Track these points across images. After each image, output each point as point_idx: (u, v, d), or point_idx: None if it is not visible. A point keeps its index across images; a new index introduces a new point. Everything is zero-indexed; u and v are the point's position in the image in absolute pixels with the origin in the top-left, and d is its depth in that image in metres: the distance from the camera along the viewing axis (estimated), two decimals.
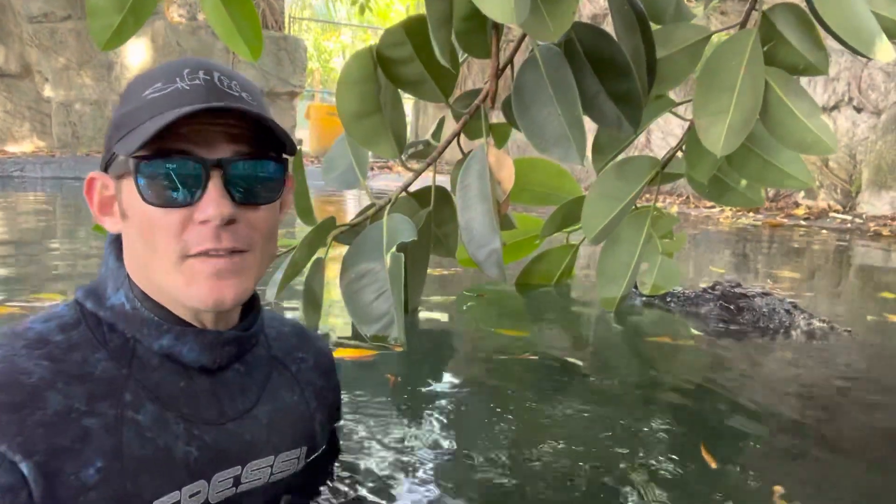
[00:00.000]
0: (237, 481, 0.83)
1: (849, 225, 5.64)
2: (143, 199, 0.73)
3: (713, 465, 1.28)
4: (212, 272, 0.74)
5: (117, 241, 0.84)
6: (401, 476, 1.14)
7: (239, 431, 0.83)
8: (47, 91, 10.10)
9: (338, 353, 1.74)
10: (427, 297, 2.39)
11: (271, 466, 0.87)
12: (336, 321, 2.16)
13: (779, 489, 1.19)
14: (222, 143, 0.74)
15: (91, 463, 0.70)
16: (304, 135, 13.78)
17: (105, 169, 0.80)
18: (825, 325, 2.31)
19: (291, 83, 11.28)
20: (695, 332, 2.27)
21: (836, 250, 4.77)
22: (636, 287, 2.64)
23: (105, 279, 0.82)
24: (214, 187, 0.73)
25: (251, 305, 0.89)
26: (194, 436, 0.78)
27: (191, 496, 0.78)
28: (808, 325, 2.31)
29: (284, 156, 0.82)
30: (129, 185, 0.76)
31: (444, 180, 2.08)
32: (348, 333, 1.91)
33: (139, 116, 0.74)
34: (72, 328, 0.78)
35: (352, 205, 6.46)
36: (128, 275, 0.81)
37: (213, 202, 0.73)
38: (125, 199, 0.77)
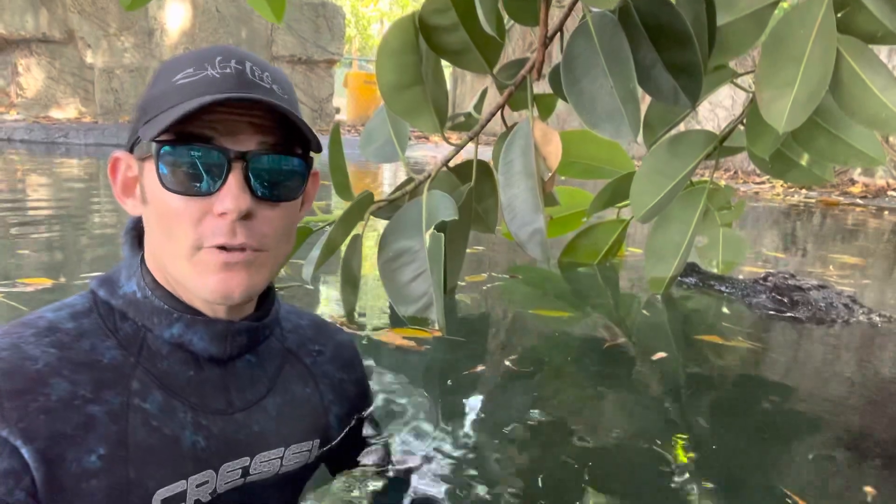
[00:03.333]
0: (246, 472, 0.82)
1: None
2: (163, 184, 0.72)
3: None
4: (222, 264, 0.73)
5: (134, 229, 0.84)
6: (430, 463, 1.12)
7: (247, 422, 0.82)
8: (90, 57, 10.20)
9: (378, 336, 1.70)
10: (463, 276, 2.32)
11: (281, 458, 0.86)
12: (379, 302, 2.10)
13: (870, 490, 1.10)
14: (247, 135, 0.73)
15: (93, 450, 0.70)
16: (342, 103, 13.72)
17: (130, 150, 0.79)
18: (887, 320, 2.17)
19: (329, 51, 11.19)
20: (746, 324, 2.15)
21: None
22: (698, 268, 2.53)
23: (120, 268, 0.82)
24: (235, 179, 0.72)
25: (266, 296, 0.88)
26: (202, 425, 0.78)
27: (198, 486, 0.77)
28: (869, 320, 2.16)
29: (310, 153, 0.80)
30: (150, 169, 0.74)
31: (485, 151, 1.98)
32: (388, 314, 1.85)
33: (166, 101, 0.73)
34: (83, 316, 0.78)
35: (390, 175, 6.38)
36: (141, 263, 0.81)
37: (233, 194, 0.71)
38: (147, 184, 0.76)
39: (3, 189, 4.55)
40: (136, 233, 0.84)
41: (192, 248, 0.73)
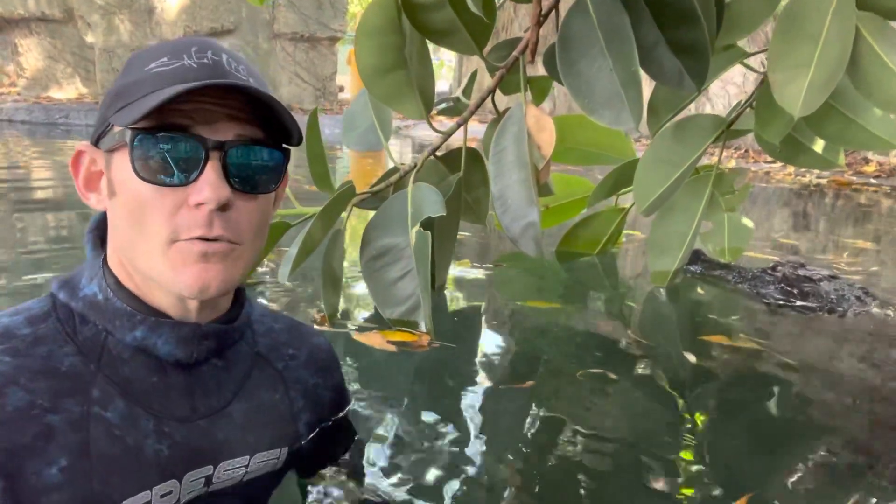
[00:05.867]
0: (209, 481, 0.79)
1: None
2: (137, 174, 0.69)
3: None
4: (199, 255, 0.71)
5: (97, 229, 0.81)
6: (412, 467, 1.09)
7: (211, 429, 0.79)
8: (90, 37, 10.06)
9: (361, 338, 1.60)
10: (453, 265, 2.22)
11: (246, 466, 0.83)
12: (361, 302, 2.00)
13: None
14: (225, 125, 0.71)
15: (54, 462, 0.67)
16: (346, 81, 13.52)
17: (96, 142, 0.76)
18: None
19: (332, 28, 10.99)
20: (754, 319, 2.04)
21: None
22: (703, 255, 2.42)
23: (82, 269, 0.79)
24: (213, 169, 0.70)
25: (237, 298, 0.85)
26: (165, 433, 0.75)
27: (162, 496, 0.74)
28: (883, 313, 2.05)
29: (288, 146, 0.78)
30: (121, 159, 0.72)
31: (478, 130, 1.86)
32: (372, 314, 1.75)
33: (140, 89, 0.71)
34: (40, 321, 0.74)
35: (397, 156, 6.24)
36: (103, 264, 0.78)
37: (210, 184, 0.69)
38: (115, 175, 0.73)
39: None
40: (99, 232, 0.81)
41: (167, 241, 0.70)
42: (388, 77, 1.56)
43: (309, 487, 0.94)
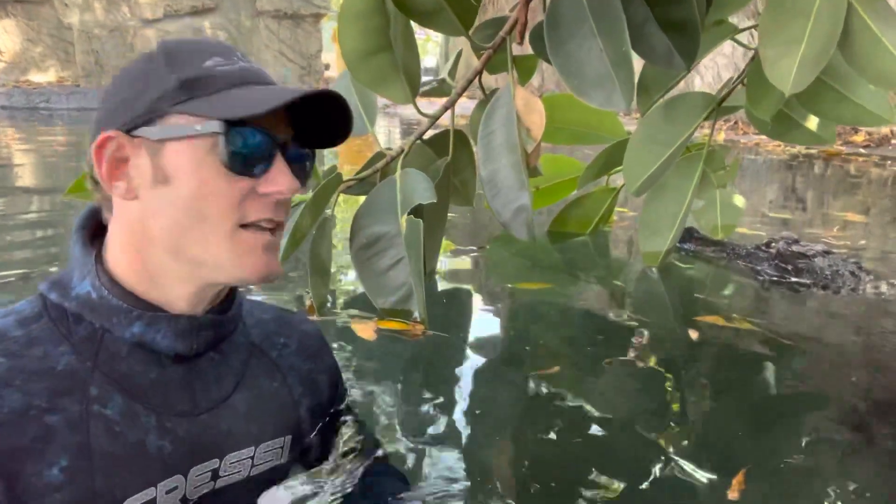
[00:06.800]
0: (215, 475, 0.79)
1: None
2: (225, 163, 0.72)
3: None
4: (264, 245, 0.76)
5: (85, 227, 0.81)
6: (411, 453, 1.10)
7: (214, 422, 0.79)
8: (67, 17, 9.86)
9: (353, 327, 1.59)
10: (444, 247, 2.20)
11: (252, 458, 0.83)
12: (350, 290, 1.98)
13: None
14: (282, 126, 0.77)
15: (55, 462, 0.68)
16: (331, 59, 13.35)
17: (130, 130, 0.75)
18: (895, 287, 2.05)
19: (316, 4, 10.83)
20: (748, 297, 2.04)
21: None
22: (696, 233, 2.41)
23: (71, 268, 0.78)
24: (281, 163, 0.75)
25: (229, 291, 0.85)
26: (167, 429, 0.75)
27: (167, 492, 0.74)
28: (876, 289, 2.05)
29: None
30: (186, 148, 0.72)
31: (467, 106, 1.83)
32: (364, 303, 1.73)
33: (214, 84, 0.74)
34: (32, 322, 0.74)
35: (385, 132, 6.18)
36: (95, 262, 0.77)
37: (285, 176, 0.75)
38: (173, 163, 0.73)
39: None
40: (88, 230, 0.80)
41: (234, 227, 0.73)
42: (373, 61, 1.52)
43: (317, 479, 0.93)
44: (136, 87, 0.75)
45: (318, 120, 0.80)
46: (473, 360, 1.52)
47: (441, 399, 1.30)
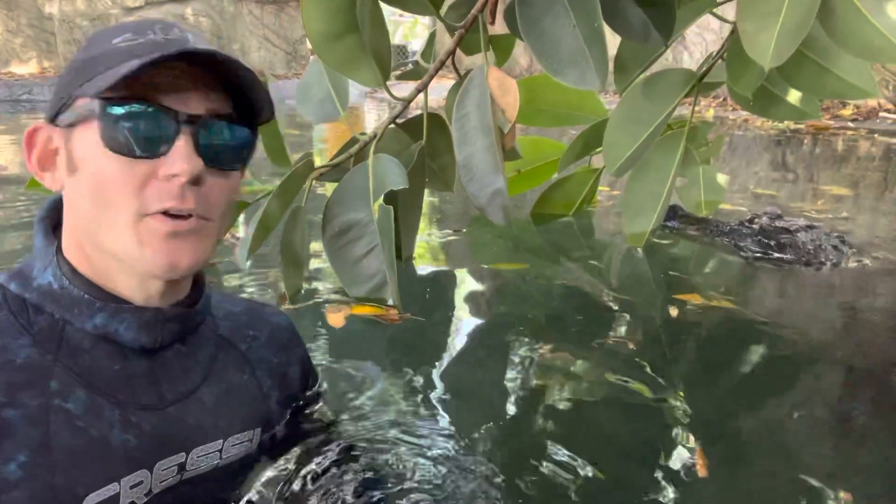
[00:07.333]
0: (182, 468, 0.78)
1: None
2: (107, 145, 0.68)
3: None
4: (168, 233, 0.70)
5: (48, 217, 0.79)
6: (386, 443, 1.08)
7: (181, 416, 0.78)
8: (48, 7, 9.71)
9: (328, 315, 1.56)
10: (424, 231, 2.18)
11: (220, 451, 0.82)
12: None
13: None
14: (196, 100, 0.71)
15: (13, 458, 0.66)
16: None
17: (52, 119, 0.74)
18: (878, 262, 2.04)
19: None
20: (731, 274, 2.02)
21: (888, 159, 4.37)
22: (680, 210, 2.39)
23: (33, 259, 0.77)
24: (185, 143, 0.69)
25: (197, 281, 0.84)
26: (131, 423, 0.74)
27: (132, 487, 0.73)
28: (859, 262, 2.03)
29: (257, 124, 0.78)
30: (84, 133, 0.70)
31: (445, 85, 1.78)
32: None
33: (108, 61, 0.70)
34: None
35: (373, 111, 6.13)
36: (56, 252, 0.76)
37: (184, 157, 0.69)
38: (77, 150, 0.71)
39: None
40: (51, 220, 0.79)
41: (136, 215, 0.69)
42: (340, 43, 1.47)
43: (284, 469, 0.91)
44: (63, 75, 0.75)
45: (243, 93, 0.73)
46: (452, 343, 1.51)
47: (418, 382, 1.30)
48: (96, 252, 0.73)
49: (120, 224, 0.70)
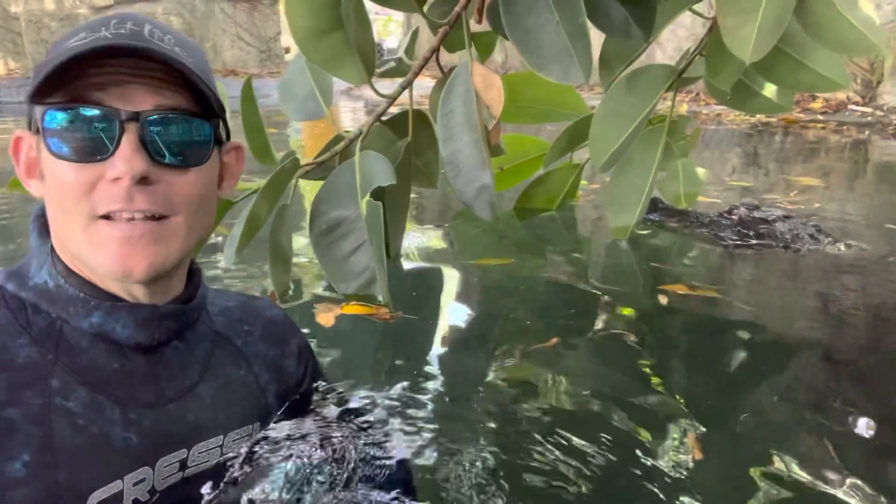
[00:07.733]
0: (184, 465, 0.78)
1: (869, 118, 5.30)
2: (50, 151, 0.67)
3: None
4: (120, 238, 0.68)
5: (42, 216, 0.78)
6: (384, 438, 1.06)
7: (181, 412, 0.78)
8: (13, 6, 9.50)
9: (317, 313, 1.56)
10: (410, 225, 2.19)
11: (220, 447, 0.82)
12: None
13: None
14: (142, 97, 0.68)
15: (16, 456, 0.66)
16: (291, 42, 13.14)
17: (29, 126, 0.73)
18: (853, 249, 2.09)
19: None
20: (712, 264, 2.06)
21: (857, 150, 4.47)
22: (661, 203, 2.43)
23: (29, 258, 0.77)
24: (128, 142, 0.67)
25: (192, 278, 0.83)
26: (132, 420, 0.73)
27: (135, 484, 0.73)
28: (836, 249, 2.09)
29: (220, 118, 0.76)
30: (42, 139, 0.69)
31: (429, 85, 1.79)
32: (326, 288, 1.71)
33: (52, 64, 0.67)
34: None
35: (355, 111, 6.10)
36: (52, 251, 0.75)
37: (125, 157, 0.66)
38: (43, 157, 0.70)
39: None
40: (45, 220, 0.78)
41: (87, 219, 0.68)
42: (325, 40, 1.47)
43: (282, 464, 0.90)
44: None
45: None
46: (442, 340, 1.52)
47: (408, 380, 1.30)
48: (71, 257, 0.73)
49: (76, 229, 0.69)
